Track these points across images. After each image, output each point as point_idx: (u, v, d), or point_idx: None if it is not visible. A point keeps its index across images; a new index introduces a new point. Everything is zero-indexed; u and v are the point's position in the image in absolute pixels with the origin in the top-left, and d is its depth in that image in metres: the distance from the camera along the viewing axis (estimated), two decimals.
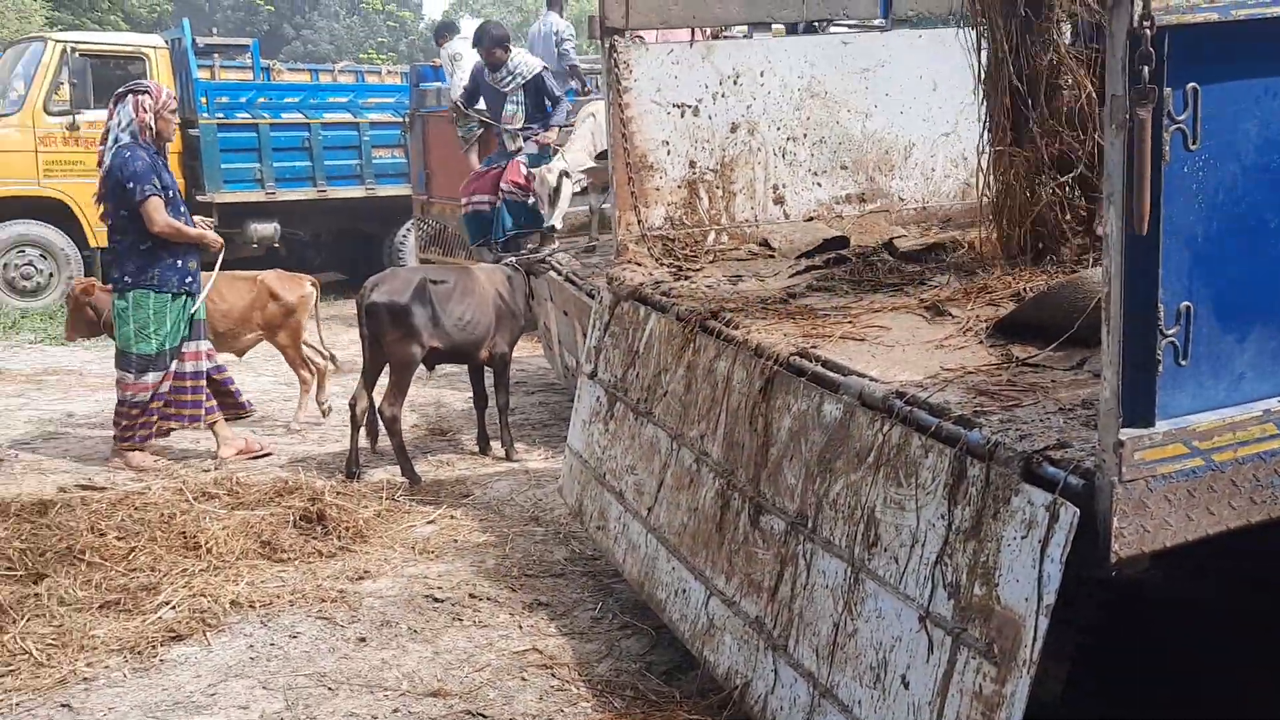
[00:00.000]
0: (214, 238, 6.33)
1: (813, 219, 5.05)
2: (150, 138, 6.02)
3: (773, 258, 4.73)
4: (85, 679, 3.70)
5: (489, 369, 6.35)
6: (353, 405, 6.01)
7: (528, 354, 8.58)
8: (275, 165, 12.44)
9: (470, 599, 4.30)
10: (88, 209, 11.43)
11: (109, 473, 6.04)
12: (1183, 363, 2.10)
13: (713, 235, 4.86)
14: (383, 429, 6.04)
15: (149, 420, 6.16)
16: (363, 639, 3.98)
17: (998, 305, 3.40)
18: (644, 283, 4.28)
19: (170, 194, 6.05)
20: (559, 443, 6.15)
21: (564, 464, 4.79)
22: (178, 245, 6.08)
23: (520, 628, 4.07)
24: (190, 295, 6.18)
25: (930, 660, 2.38)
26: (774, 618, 2.97)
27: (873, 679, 2.55)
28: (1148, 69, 1.89)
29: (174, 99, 6.21)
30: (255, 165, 12.32)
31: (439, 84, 11.56)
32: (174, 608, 4.18)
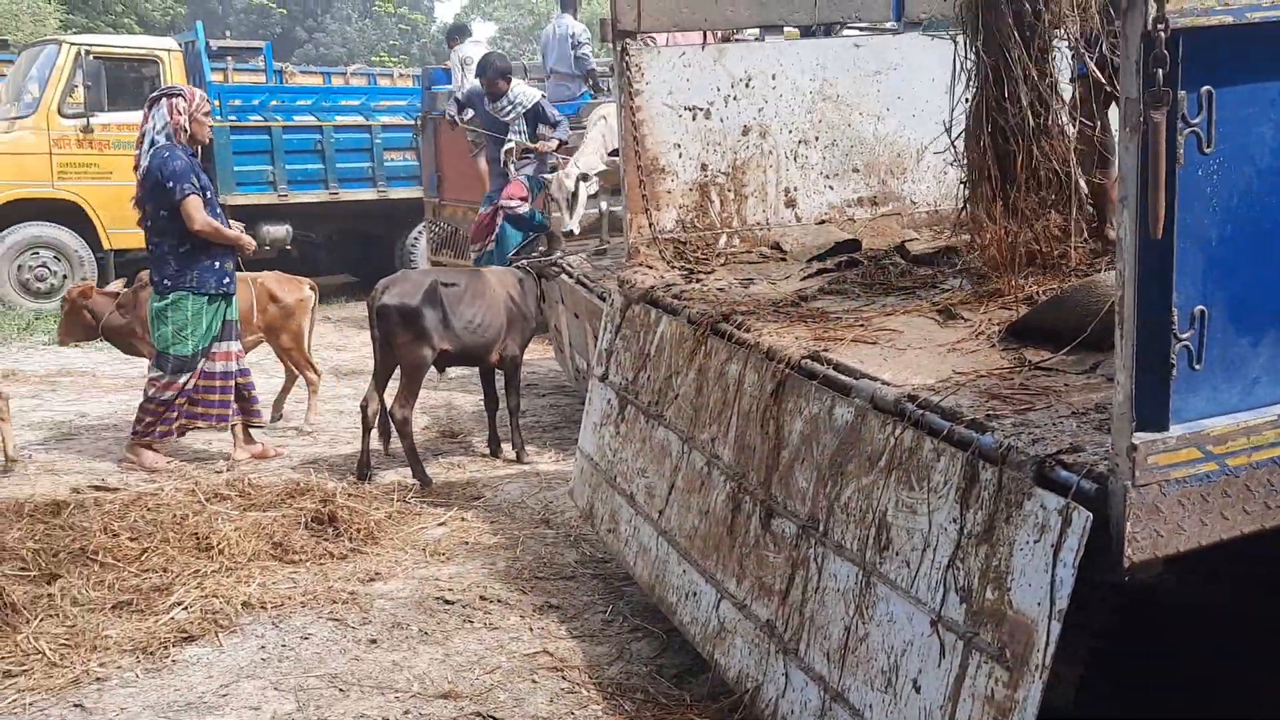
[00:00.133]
0: (248, 240, 6.36)
1: (824, 222, 5.04)
2: (185, 140, 6.07)
3: (784, 261, 4.73)
4: (98, 679, 3.72)
5: (500, 371, 6.36)
6: (364, 407, 6.02)
7: (538, 356, 8.59)
8: (287, 167, 12.49)
9: (481, 601, 4.31)
10: (101, 211, 11.55)
11: (122, 473, 6.06)
12: (1197, 367, 2.09)
13: (724, 238, 4.86)
14: (394, 431, 6.05)
15: (170, 417, 6.20)
16: (374, 640, 3.99)
17: (1010, 309, 3.39)
18: (655, 285, 4.28)
19: (208, 195, 6.10)
20: (570, 445, 6.16)
21: (575, 467, 4.79)
22: (214, 246, 6.11)
23: (531, 630, 4.07)
24: (227, 296, 6.24)
25: (942, 664, 2.38)
26: (785, 621, 2.96)
27: (884, 683, 2.54)
28: (1162, 72, 1.88)
29: (207, 102, 6.25)
30: (268, 167, 12.37)
31: (450, 87, 11.59)
32: (186, 608, 4.20)
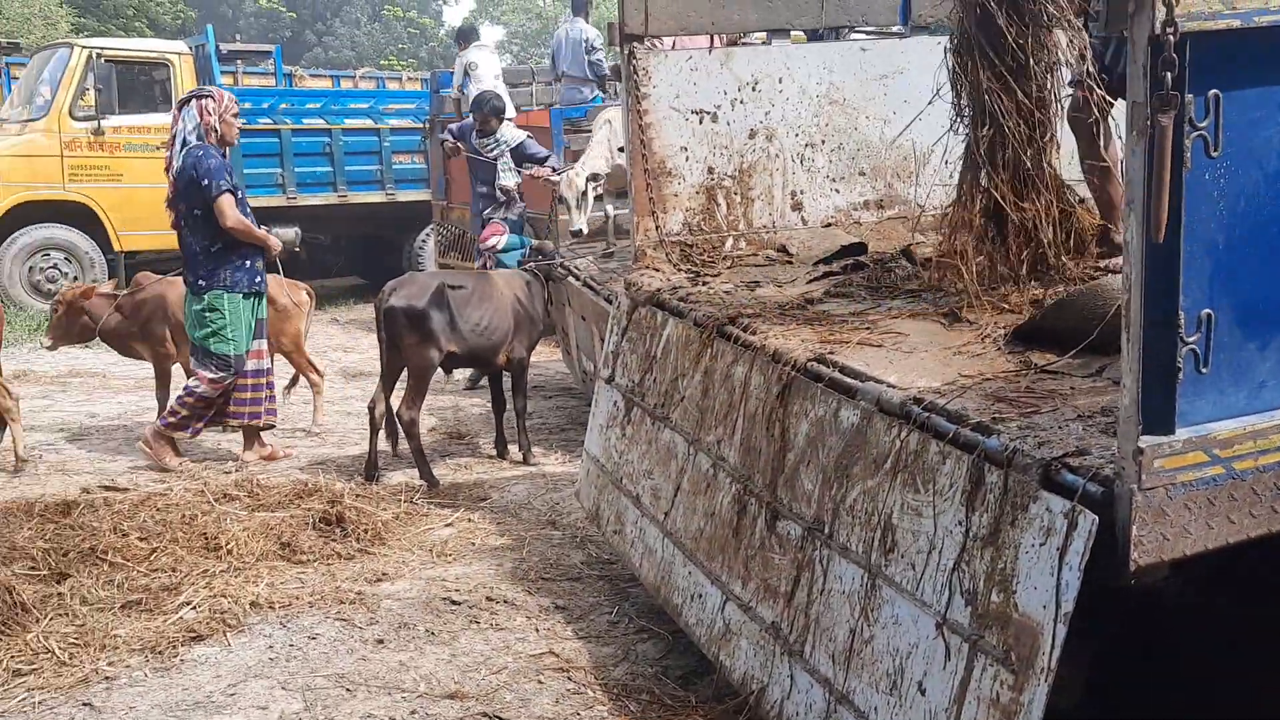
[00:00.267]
0: (274, 241, 6.40)
1: (831, 225, 5.05)
2: (215, 141, 6.11)
3: (790, 264, 4.73)
4: (107, 678, 3.73)
5: (507, 373, 6.38)
6: (372, 409, 6.04)
7: (545, 359, 8.61)
8: (297, 170, 12.52)
9: (488, 602, 4.32)
10: (112, 213, 11.61)
11: (132, 473, 6.08)
12: (1203, 370, 2.09)
13: (730, 241, 4.87)
14: (401, 432, 6.07)
15: (205, 415, 6.26)
16: (381, 641, 4.00)
17: (1017, 312, 3.39)
18: (662, 288, 4.29)
19: (239, 194, 6.15)
20: (576, 447, 6.17)
21: (581, 468, 4.80)
22: (245, 246, 6.16)
23: (537, 631, 4.08)
24: (259, 295, 6.29)
25: (947, 667, 2.38)
26: (790, 623, 2.97)
27: (889, 685, 2.54)
28: (1170, 75, 1.88)
29: (236, 103, 6.28)
30: (277, 170, 12.40)
31: (449, 91, 11.60)
32: (194, 608, 4.21)
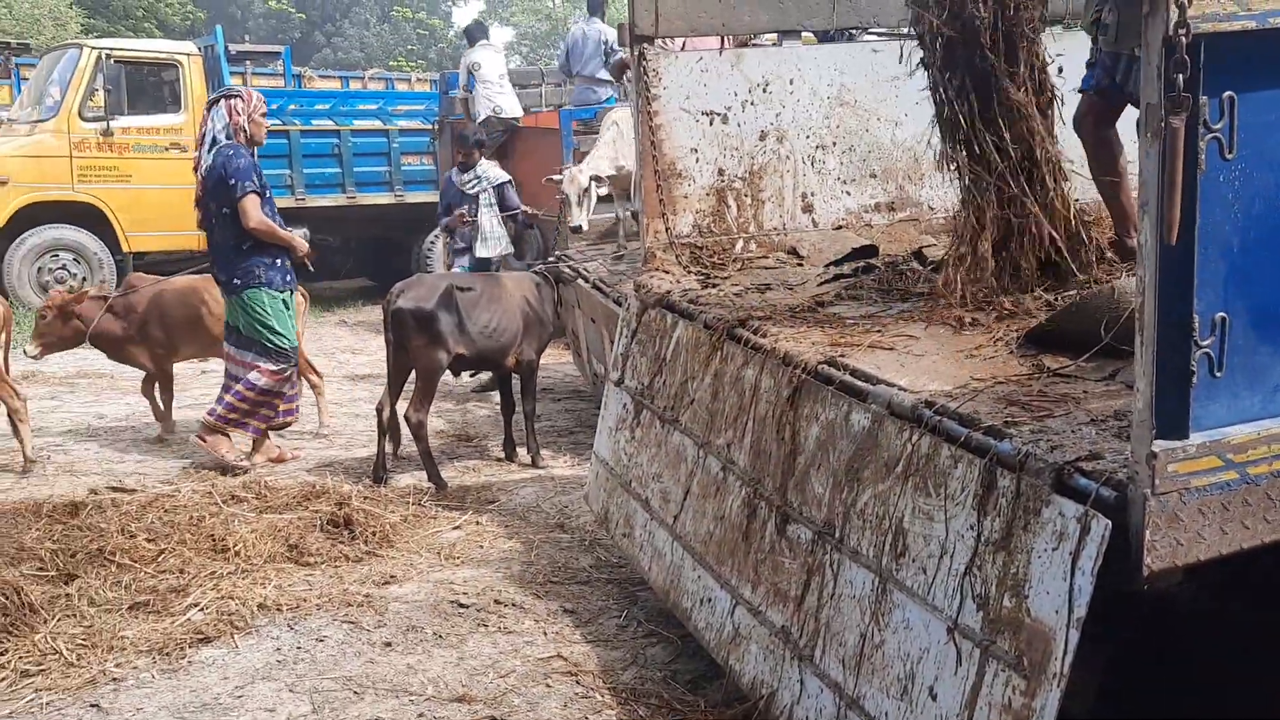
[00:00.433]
0: (301, 243, 6.41)
1: (841, 227, 5.03)
2: (244, 140, 6.13)
3: (801, 266, 4.72)
4: (114, 679, 3.73)
5: (516, 376, 6.37)
6: (379, 411, 6.04)
7: (553, 361, 8.60)
8: (305, 171, 12.53)
9: (496, 605, 4.31)
10: (121, 214, 11.63)
11: (139, 474, 6.09)
12: (1217, 374, 2.08)
13: (741, 243, 4.86)
14: (407, 434, 6.06)
15: (268, 414, 6.29)
16: (388, 643, 4.00)
17: (1028, 316, 3.37)
18: (671, 290, 4.28)
19: (267, 195, 6.18)
20: (585, 450, 6.16)
21: (590, 471, 4.79)
22: (272, 245, 6.18)
23: (545, 634, 4.07)
24: (291, 294, 6.32)
25: (959, 672, 2.36)
26: (800, 627, 2.95)
27: (900, 690, 2.53)
28: (1182, 77, 1.87)
29: (264, 103, 6.30)
30: (285, 171, 12.42)
31: (457, 92, 11.60)
32: (202, 610, 4.22)
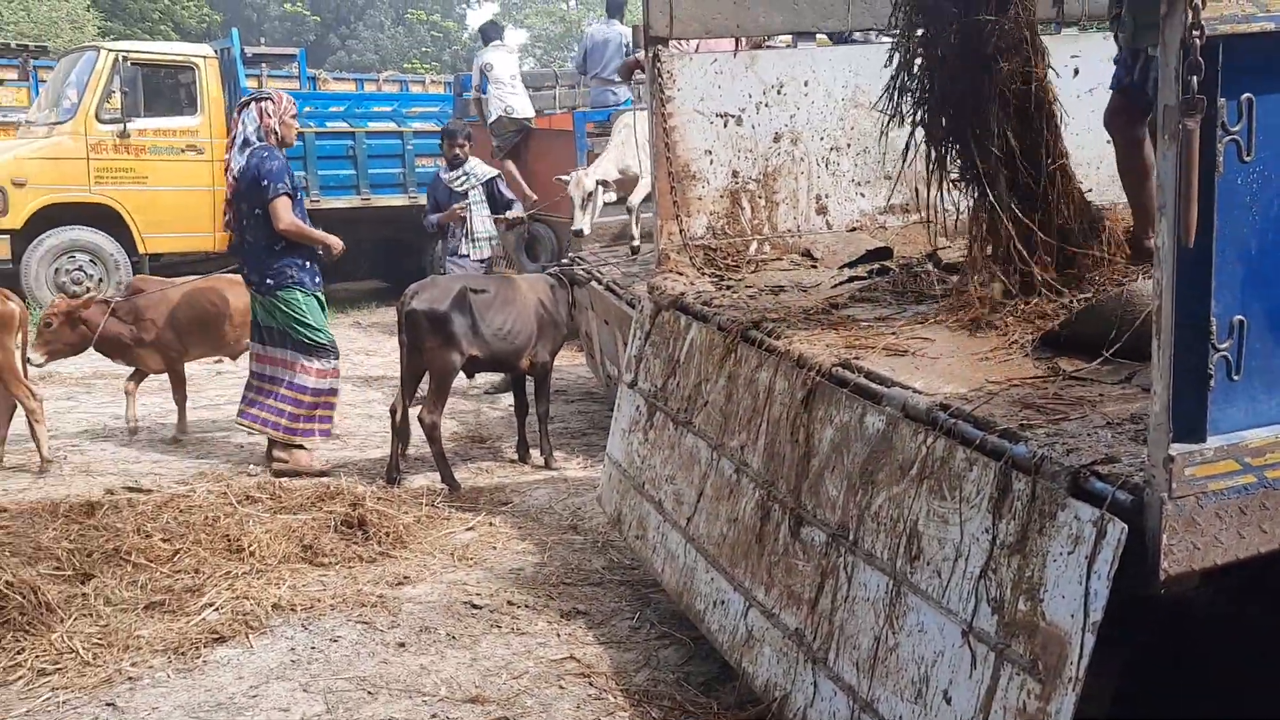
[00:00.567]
0: (335, 240, 6.45)
1: (856, 229, 5.02)
2: (275, 142, 6.17)
3: (815, 268, 4.71)
4: (130, 678, 3.75)
5: (530, 377, 6.38)
6: (393, 412, 6.05)
7: (566, 363, 8.61)
8: (320, 173, 12.57)
9: (509, 606, 4.31)
10: (137, 215, 11.69)
11: (155, 475, 6.12)
12: (1235, 377, 2.07)
13: (755, 245, 4.85)
14: (418, 435, 6.07)
15: (327, 413, 6.34)
16: (402, 644, 4.01)
17: (1045, 318, 3.36)
18: (685, 292, 4.28)
19: (297, 196, 6.22)
20: (598, 451, 6.16)
21: (603, 473, 4.79)
22: (303, 247, 6.22)
23: (558, 636, 4.07)
24: (321, 294, 6.36)
25: (973, 676, 2.35)
26: (814, 630, 2.95)
27: (914, 694, 2.52)
28: (1196, 79, 1.86)
29: (294, 105, 6.34)
30: (300, 173, 12.43)
31: (470, 94, 11.64)
32: (217, 609, 4.23)
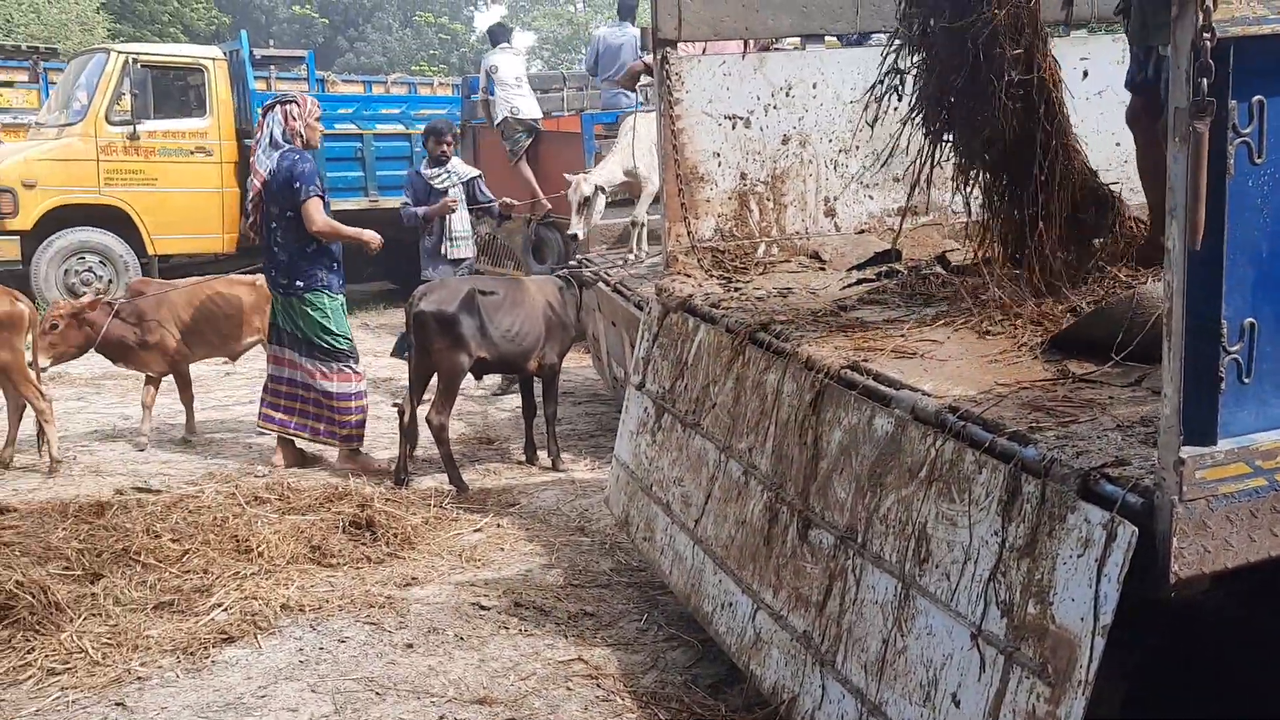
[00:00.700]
0: (372, 235, 6.48)
1: (864, 232, 5.02)
2: (301, 144, 6.21)
3: (823, 270, 4.71)
4: (139, 678, 3.76)
5: (538, 379, 6.38)
6: (401, 413, 6.06)
7: (574, 364, 8.61)
8: (328, 175, 12.49)
9: (516, 607, 4.31)
10: (146, 217, 11.72)
11: (164, 475, 6.14)
12: (1246, 380, 2.06)
13: (763, 247, 4.85)
14: (426, 436, 6.08)
15: (362, 404, 6.37)
16: (410, 645, 4.01)
17: (1054, 320, 3.35)
18: (693, 294, 4.28)
19: (326, 199, 6.26)
20: (605, 453, 6.16)
21: (610, 474, 4.79)
22: (333, 250, 6.26)
23: (566, 637, 4.07)
24: (343, 298, 6.40)
25: (982, 679, 2.35)
26: (822, 633, 2.94)
27: (922, 697, 2.52)
28: (1207, 81, 1.86)
29: (318, 107, 6.37)
30: None
31: (478, 97, 11.64)
32: (226, 610, 4.24)
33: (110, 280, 11.42)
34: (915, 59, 3.52)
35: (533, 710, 3.53)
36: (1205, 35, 1.85)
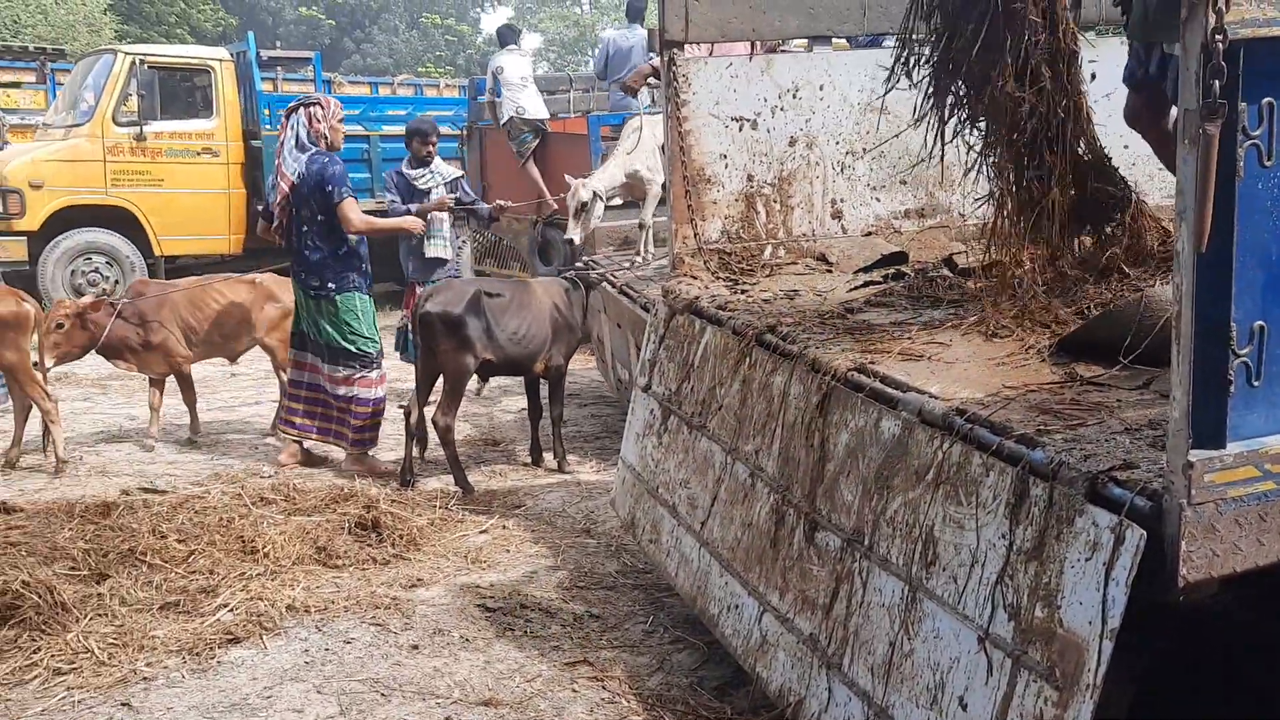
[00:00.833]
0: (413, 222, 6.55)
1: (871, 234, 5.01)
2: (325, 147, 6.24)
3: (830, 272, 4.70)
4: (145, 678, 3.76)
5: (544, 381, 6.38)
6: (407, 414, 6.07)
7: (580, 366, 8.61)
8: None
9: (522, 609, 4.31)
10: (153, 217, 11.74)
11: (170, 476, 6.15)
12: (1255, 383, 2.05)
13: (769, 249, 4.84)
14: (434, 438, 6.08)
15: (378, 422, 6.37)
16: (415, 646, 4.01)
17: (1062, 323, 3.34)
18: (700, 296, 4.28)
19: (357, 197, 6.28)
20: (611, 455, 6.16)
21: (616, 476, 4.79)
22: (362, 251, 6.28)
23: (571, 639, 4.07)
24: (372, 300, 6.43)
25: (989, 682, 2.34)
26: (828, 635, 2.94)
27: (929, 700, 2.51)
28: (1218, 84, 1.85)
29: (341, 109, 6.39)
30: None
31: (494, 98, 11.65)
32: (231, 610, 4.24)
33: (117, 281, 11.44)
34: (932, 20, 3.41)
35: (538, 712, 3.53)
36: (1217, 38, 1.84)
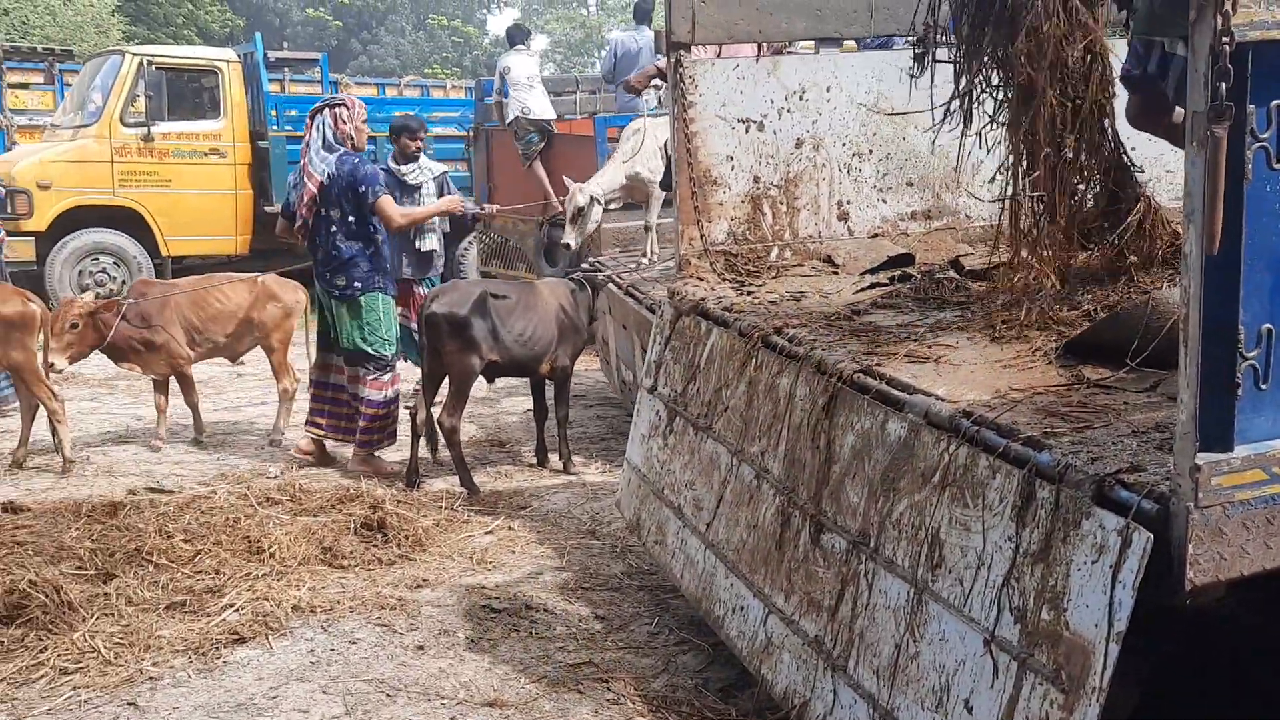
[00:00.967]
0: (450, 203, 6.56)
1: (877, 236, 5.01)
2: (350, 147, 6.24)
3: (836, 274, 4.70)
4: (151, 678, 3.77)
5: (550, 382, 6.38)
6: (413, 415, 6.07)
7: (586, 367, 8.61)
8: None
9: (527, 610, 4.31)
10: (160, 218, 11.78)
11: (177, 476, 6.16)
12: (1263, 386, 2.05)
13: (776, 251, 4.84)
14: (442, 439, 6.08)
15: (388, 425, 6.38)
16: (421, 647, 4.01)
17: (1069, 325, 3.33)
18: (706, 297, 4.27)
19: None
20: (616, 456, 6.16)
21: (622, 478, 4.79)
22: (385, 252, 6.29)
23: (576, 640, 4.07)
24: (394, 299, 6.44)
25: (995, 685, 2.34)
26: (834, 637, 2.93)
27: (935, 702, 2.51)
28: (1225, 86, 1.85)
29: (364, 109, 6.40)
30: None
31: (501, 98, 11.66)
32: (237, 610, 4.25)
33: (124, 281, 11.47)
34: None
35: (543, 713, 3.53)
36: (1224, 39, 1.84)
